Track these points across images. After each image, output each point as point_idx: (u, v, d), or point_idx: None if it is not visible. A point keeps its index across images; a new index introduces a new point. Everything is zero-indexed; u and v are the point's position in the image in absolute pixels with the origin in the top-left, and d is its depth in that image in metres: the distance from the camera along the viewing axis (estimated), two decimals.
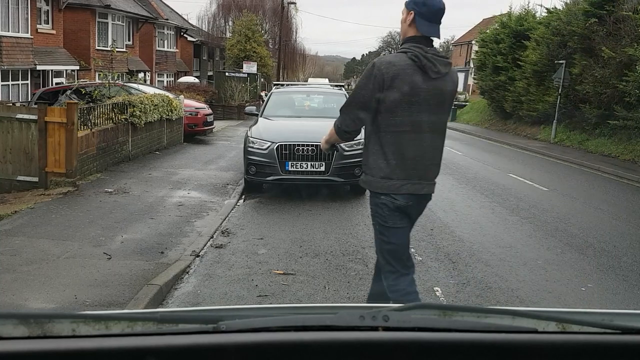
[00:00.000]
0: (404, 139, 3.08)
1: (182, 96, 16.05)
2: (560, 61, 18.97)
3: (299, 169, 8.29)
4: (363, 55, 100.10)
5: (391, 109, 3.02)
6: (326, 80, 37.41)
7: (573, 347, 1.07)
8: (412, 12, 3.07)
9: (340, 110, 3.25)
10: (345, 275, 5.26)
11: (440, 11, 3.06)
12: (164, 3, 39.40)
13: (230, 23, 43.13)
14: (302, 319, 1.09)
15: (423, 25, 3.04)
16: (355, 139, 3.69)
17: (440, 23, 3.10)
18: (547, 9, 22.97)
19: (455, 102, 37.73)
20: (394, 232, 3.27)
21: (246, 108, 11.62)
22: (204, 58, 44.41)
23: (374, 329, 1.05)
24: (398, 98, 2.98)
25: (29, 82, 20.56)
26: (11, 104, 10.45)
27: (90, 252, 5.44)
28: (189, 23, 41.91)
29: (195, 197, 8.36)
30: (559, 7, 21.73)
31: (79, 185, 8.47)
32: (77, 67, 22.15)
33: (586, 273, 5.62)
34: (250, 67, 30.70)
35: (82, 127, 9.04)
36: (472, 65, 38.76)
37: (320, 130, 8.81)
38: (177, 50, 37.19)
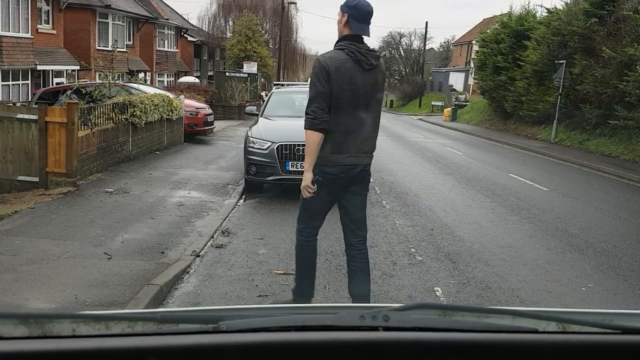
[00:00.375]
0: (343, 122, 3.67)
1: (182, 96, 16.05)
2: (561, 61, 18.96)
3: (300, 169, 8.28)
4: None
5: (335, 96, 3.61)
6: None
7: (573, 347, 1.07)
8: (345, 14, 3.64)
9: (307, 112, 3.71)
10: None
11: (368, 14, 3.64)
12: (165, 3, 39.40)
13: (231, 23, 43.16)
14: (302, 319, 1.09)
15: (355, 25, 3.63)
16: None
17: (369, 23, 3.68)
18: (547, 9, 22.98)
19: (456, 102, 37.83)
20: (318, 203, 3.88)
21: (246, 108, 11.62)
22: (204, 58, 44.41)
23: (374, 329, 1.05)
24: (340, 87, 3.58)
25: (29, 82, 20.57)
26: (12, 104, 10.46)
27: (91, 252, 5.44)
28: (190, 23, 41.93)
29: (195, 197, 8.36)
30: (560, 7, 21.75)
31: (80, 185, 8.48)
32: (78, 67, 22.16)
33: (586, 273, 5.62)
34: (250, 67, 30.71)
35: (82, 127, 9.04)
36: (472, 65, 38.77)
37: None
38: (178, 50, 37.20)
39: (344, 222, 4.00)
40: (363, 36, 3.69)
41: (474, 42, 41.03)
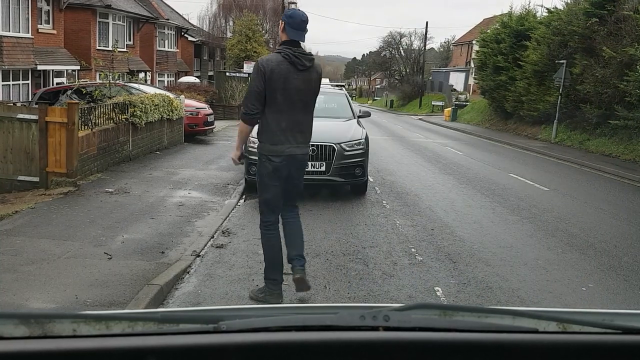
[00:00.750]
0: (281, 117, 4.18)
1: (182, 96, 16.05)
2: (561, 61, 18.96)
3: None
4: (364, 55, 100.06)
5: (272, 96, 4.14)
6: (327, 80, 37.31)
7: (574, 347, 1.07)
8: (283, 22, 4.22)
9: (243, 105, 4.29)
10: (345, 275, 5.27)
11: (303, 22, 4.20)
12: (165, 3, 39.41)
13: (231, 23, 43.15)
14: (302, 318, 1.09)
15: (292, 32, 4.19)
16: (345, 139, 5.75)
17: (304, 30, 4.23)
18: (547, 8, 22.98)
19: (456, 102, 37.83)
20: (271, 191, 4.39)
21: None
22: (204, 58, 44.42)
23: (375, 328, 1.05)
24: (276, 87, 4.12)
25: (29, 82, 20.58)
26: (12, 104, 10.46)
27: (91, 252, 5.45)
28: (190, 23, 41.93)
29: (195, 197, 8.36)
30: (560, 7, 21.75)
31: (80, 185, 8.48)
32: (78, 67, 22.17)
33: (587, 273, 5.61)
34: (251, 67, 30.63)
35: (82, 127, 9.04)
36: (472, 65, 38.77)
37: (321, 130, 8.85)
38: (178, 50, 37.21)
39: (286, 197, 4.52)
40: (299, 41, 4.27)
41: (474, 42, 41.02)
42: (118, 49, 13.13)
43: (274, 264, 4.49)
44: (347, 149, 8.35)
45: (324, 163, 8.23)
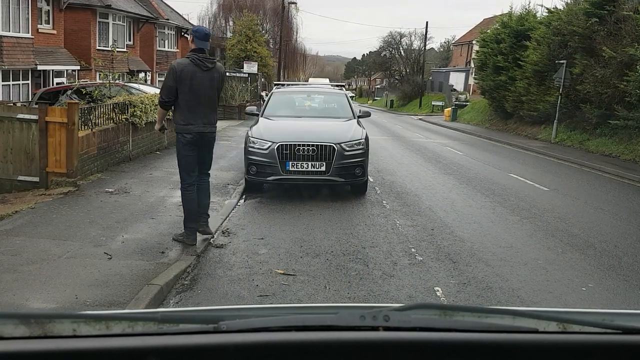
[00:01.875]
0: (192, 106, 5.65)
1: None
2: (561, 61, 18.95)
3: (300, 169, 8.29)
4: (364, 55, 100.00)
5: (183, 91, 5.59)
6: (327, 80, 37.43)
7: (574, 347, 1.07)
8: (192, 35, 5.82)
9: (160, 93, 5.87)
10: (345, 275, 5.27)
11: (206, 35, 5.80)
12: (165, 3, 39.38)
13: (231, 23, 43.17)
14: (302, 319, 1.09)
15: (197, 42, 5.70)
16: (345, 139, 7.99)
17: (207, 41, 5.80)
18: (547, 9, 22.94)
19: (456, 102, 37.83)
20: (187, 160, 5.81)
21: (247, 108, 11.61)
22: None
23: (375, 328, 1.05)
24: (185, 83, 5.57)
25: (29, 82, 20.57)
26: (12, 104, 10.46)
27: (91, 252, 5.45)
28: (190, 23, 41.83)
29: None
30: (560, 7, 21.74)
31: (80, 185, 8.48)
32: (78, 67, 22.16)
33: (587, 273, 5.61)
34: (251, 67, 30.71)
35: (82, 127, 9.04)
36: (472, 65, 38.77)
37: (321, 130, 8.90)
38: (178, 50, 37.17)
39: (199, 166, 5.92)
40: (204, 49, 5.72)
41: (474, 42, 41.03)
42: (117, 49, 13.13)
43: (191, 215, 5.87)
44: (347, 149, 8.35)
45: (324, 163, 8.23)
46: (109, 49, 14.56)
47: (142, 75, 27.20)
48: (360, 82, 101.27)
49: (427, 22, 54.42)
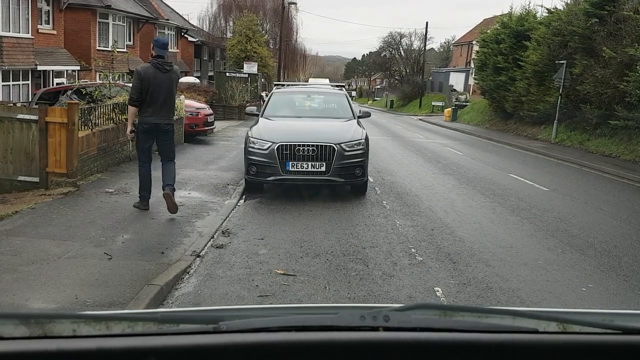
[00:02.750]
0: (152, 101, 6.78)
1: (182, 96, 16.04)
2: (561, 61, 18.95)
3: (300, 169, 8.29)
4: (364, 55, 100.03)
5: (147, 90, 6.73)
6: (327, 81, 37.40)
7: (574, 348, 1.07)
8: (153, 44, 6.97)
9: (129, 93, 6.93)
10: (345, 276, 5.27)
11: (164, 45, 6.99)
12: (165, 3, 39.43)
13: (231, 23, 43.15)
14: (302, 319, 1.09)
15: (157, 50, 6.89)
16: (345, 140, 8.22)
17: (166, 49, 7.00)
18: (547, 9, 22.94)
19: (456, 103, 37.84)
20: (144, 144, 7.08)
21: (247, 108, 11.61)
22: (204, 58, 44.41)
23: (375, 329, 1.05)
24: (148, 84, 6.72)
25: (29, 82, 20.57)
26: (12, 104, 10.45)
27: (91, 252, 5.45)
28: (190, 23, 41.94)
29: (196, 197, 8.37)
30: (560, 7, 21.73)
31: (80, 185, 8.48)
32: (78, 68, 22.17)
33: (587, 273, 5.61)
34: (250, 67, 30.70)
35: (82, 127, 9.04)
36: (472, 65, 38.77)
37: (321, 130, 8.90)
38: (178, 51, 37.20)
39: (161, 153, 7.19)
40: (163, 55, 6.91)
41: (474, 42, 41.04)
42: (117, 49, 13.13)
43: (144, 185, 7.22)
44: (347, 149, 8.35)
45: (324, 163, 8.23)
46: (109, 49, 14.56)
47: None
48: (360, 82, 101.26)
49: (427, 23, 54.38)
